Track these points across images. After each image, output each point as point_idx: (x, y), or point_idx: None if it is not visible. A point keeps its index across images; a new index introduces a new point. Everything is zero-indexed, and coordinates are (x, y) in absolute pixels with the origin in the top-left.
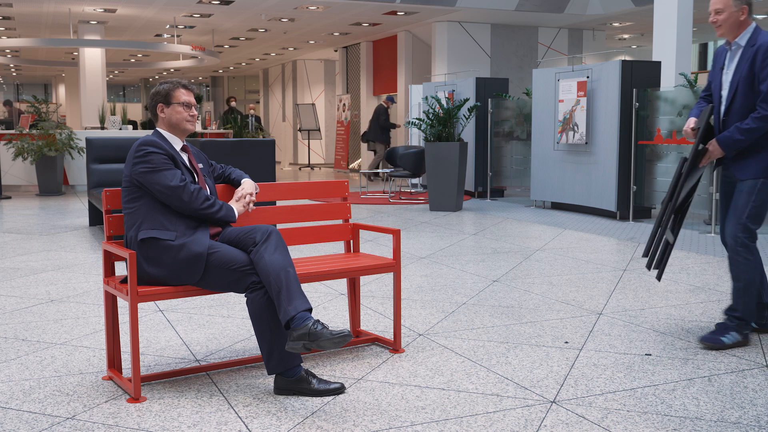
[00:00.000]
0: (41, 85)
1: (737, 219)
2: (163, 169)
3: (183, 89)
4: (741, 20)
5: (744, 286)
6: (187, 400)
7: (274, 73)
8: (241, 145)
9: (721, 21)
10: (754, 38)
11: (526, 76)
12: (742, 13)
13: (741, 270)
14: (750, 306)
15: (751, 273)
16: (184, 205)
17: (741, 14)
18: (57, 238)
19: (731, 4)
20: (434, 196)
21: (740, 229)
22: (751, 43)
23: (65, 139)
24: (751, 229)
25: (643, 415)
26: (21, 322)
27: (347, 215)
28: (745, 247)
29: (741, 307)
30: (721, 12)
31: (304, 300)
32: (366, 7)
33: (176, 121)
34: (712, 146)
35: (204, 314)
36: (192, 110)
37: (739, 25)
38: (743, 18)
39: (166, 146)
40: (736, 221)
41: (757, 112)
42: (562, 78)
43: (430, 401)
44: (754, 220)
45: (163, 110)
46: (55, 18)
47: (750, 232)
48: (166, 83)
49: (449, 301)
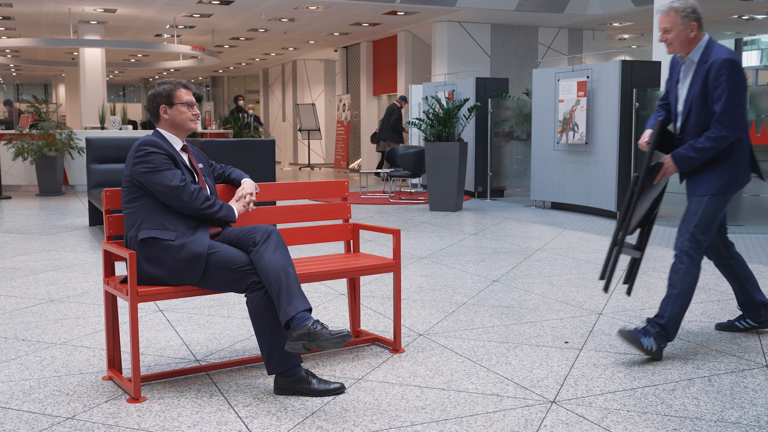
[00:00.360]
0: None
1: (686, 228)
2: (164, 169)
3: (183, 89)
4: (691, 37)
5: (677, 294)
6: (187, 400)
7: (274, 73)
8: (241, 145)
9: (670, 39)
10: (707, 54)
11: (526, 76)
12: (691, 30)
13: (679, 278)
14: (677, 317)
15: (688, 284)
16: (184, 205)
17: (690, 31)
18: (57, 238)
19: (678, 22)
20: (434, 196)
21: (687, 238)
22: (704, 60)
23: (65, 139)
24: (699, 240)
25: (643, 415)
26: (21, 322)
27: (347, 215)
28: (690, 258)
29: (668, 314)
30: (669, 31)
31: (304, 300)
32: (366, 7)
33: (180, 121)
34: (667, 162)
35: (204, 314)
36: (195, 109)
37: (689, 41)
38: (693, 35)
39: (166, 146)
40: (685, 230)
41: (711, 131)
42: (562, 78)
43: (430, 401)
44: (701, 231)
45: (166, 111)
46: (55, 18)
47: (697, 243)
48: (164, 84)
49: (449, 301)
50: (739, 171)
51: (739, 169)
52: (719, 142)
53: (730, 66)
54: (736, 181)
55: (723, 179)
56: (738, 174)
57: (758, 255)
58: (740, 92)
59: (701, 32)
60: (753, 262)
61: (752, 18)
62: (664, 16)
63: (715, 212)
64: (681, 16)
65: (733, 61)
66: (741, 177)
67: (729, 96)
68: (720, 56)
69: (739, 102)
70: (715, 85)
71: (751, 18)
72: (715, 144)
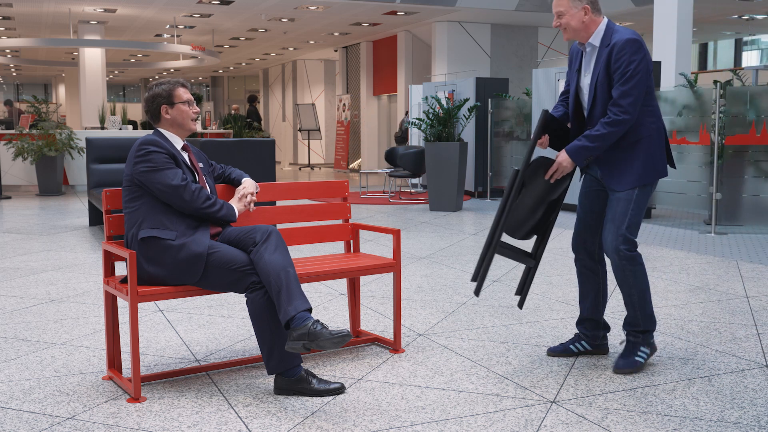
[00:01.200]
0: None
1: (616, 230)
2: (165, 168)
3: (182, 87)
4: (585, 20)
5: (638, 298)
6: (187, 400)
7: (274, 73)
8: (241, 145)
9: (564, 24)
10: (608, 37)
11: (526, 76)
12: (585, 13)
13: (630, 283)
14: (648, 312)
15: (640, 282)
16: (186, 204)
17: (584, 14)
18: (57, 238)
19: (570, 5)
20: (434, 196)
21: (621, 241)
22: (606, 43)
23: (65, 139)
24: (631, 240)
25: (643, 415)
26: (21, 322)
27: (347, 215)
28: (630, 260)
29: (641, 319)
30: (563, 15)
31: (304, 300)
32: (366, 7)
33: (182, 120)
34: (561, 157)
35: (204, 314)
36: (195, 107)
37: (585, 26)
38: (587, 18)
39: (167, 145)
40: (616, 232)
41: (607, 116)
42: (562, 78)
43: (430, 401)
44: (632, 231)
45: (167, 111)
46: (55, 18)
47: (630, 243)
48: (162, 84)
49: (449, 301)
50: (657, 158)
51: (656, 156)
52: (616, 127)
53: (631, 46)
54: (657, 169)
55: (644, 168)
56: (656, 161)
57: (758, 255)
58: (642, 74)
59: (598, 15)
60: (753, 262)
61: (752, 18)
62: (556, 0)
63: (643, 206)
64: (572, 2)
65: (634, 40)
66: (661, 164)
67: (629, 77)
68: (622, 37)
69: (640, 84)
70: (616, 67)
71: (751, 18)
72: (612, 129)
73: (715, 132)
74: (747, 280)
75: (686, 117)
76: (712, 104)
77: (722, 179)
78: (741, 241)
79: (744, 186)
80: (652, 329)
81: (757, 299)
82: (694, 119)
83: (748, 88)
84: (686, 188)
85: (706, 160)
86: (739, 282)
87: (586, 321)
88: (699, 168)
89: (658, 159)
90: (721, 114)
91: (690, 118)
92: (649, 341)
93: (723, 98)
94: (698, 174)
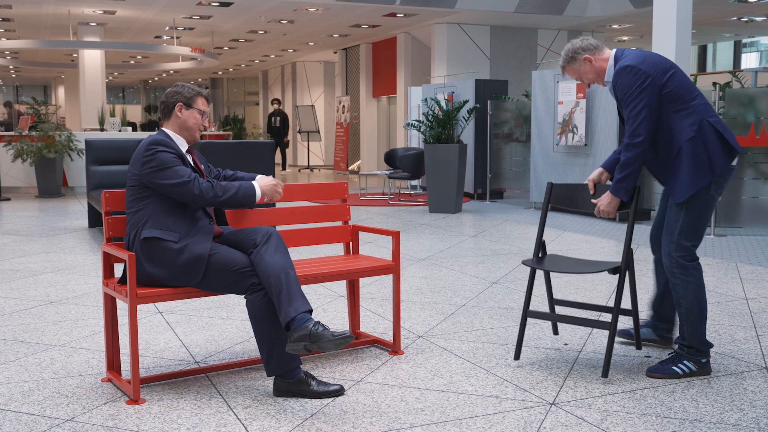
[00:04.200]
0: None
1: (669, 237)
2: (173, 165)
3: (204, 99)
4: (596, 68)
5: (686, 312)
6: (187, 402)
7: (274, 75)
8: (241, 147)
9: (586, 82)
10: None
11: (526, 78)
12: (591, 62)
13: (680, 294)
14: (698, 331)
15: (691, 295)
16: (197, 198)
17: (591, 64)
18: (56, 240)
19: (576, 69)
20: (434, 197)
21: (674, 248)
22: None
23: (64, 140)
24: (686, 247)
25: (643, 417)
26: (20, 323)
27: (347, 217)
28: (682, 268)
29: (687, 333)
30: (581, 78)
31: (305, 301)
32: (365, 8)
33: (191, 126)
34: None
35: (203, 316)
36: (206, 120)
37: (598, 72)
38: (596, 65)
39: (174, 145)
40: (669, 239)
41: (623, 143)
42: (562, 80)
43: (429, 403)
44: (688, 236)
45: (181, 110)
46: (54, 20)
47: (685, 250)
48: (187, 87)
49: (449, 303)
50: (708, 157)
51: (707, 155)
52: (632, 150)
53: (621, 74)
54: (711, 167)
55: (693, 174)
56: (709, 160)
57: (757, 257)
58: (637, 95)
59: (602, 53)
60: (752, 264)
61: (751, 20)
62: (567, 74)
63: (699, 213)
64: (575, 65)
65: (623, 67)
66: (717, 160)
67: (627, 103)
68: (618, 68)
69: (641, 104)
70: (617, 98)
71: (750, 20)
72: (629, 153)
73: None
74: (746, 282)
75: None
76: (712, 106)
77: None
78: (740, 243)
79: (743, 188)
80: (699, 348)
81: (757, 301)
82: None
83: (748, 90)
84: None
85: None
86: (738, 284)
87: (652, 310)
88: None
89: (712, 157)
90: (721, 116)
91: None
92: (699, 358)
93: (722, 100)
94: None
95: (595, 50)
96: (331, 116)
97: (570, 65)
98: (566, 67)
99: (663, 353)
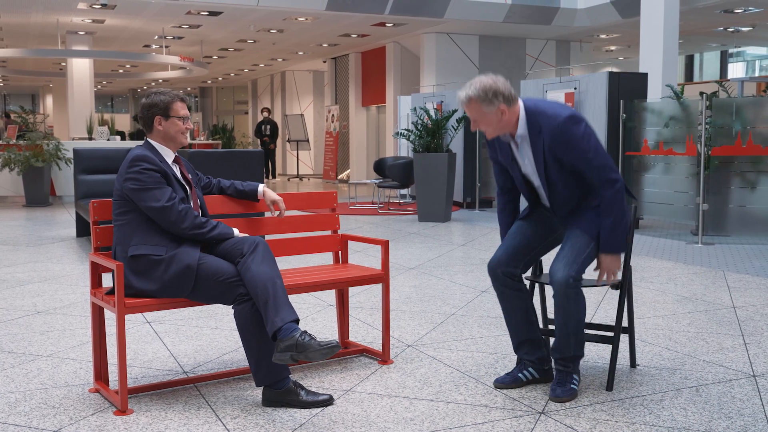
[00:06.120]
0: (28, 95)
1: (574, 259)
2: (153, 187)
3: (180, 102)
4: (505, 120)
5: (576, 325)
6: (175, 412)
7: (263, 84)
8: (229, 156)
9: (483, 128)
10: (534, 122)
11: (514, 87)
12: (503, 113)
13: (571, 312)
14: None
15: (581, 312)
16: (172, 226)
17: (501, 115)
18: (44, 250)
19: (484, 110)
20: (423, 206)
21: (575, 271)
22: (536, 129)
23: (52, 149)
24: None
25: (632, 425)
26: (7, 334)
27: (336, 226)
28: (576, 290)
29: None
30: (478, 121)
31: (291, 311)
32: (355, 18)
33: (174, 134)
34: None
35: (192, 326)
36: (188, 123)
37: (507, 122)
38: (506, 116)
39: (158, 161)
40: (573, 261)
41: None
42: (550, 89)
43: (419, 412)
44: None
45: (161, 123)
46: (43, 28)
47: (580, 276)
48: (161, 95)
49: (438, 312)
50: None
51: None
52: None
53: (569, 124)
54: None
55: None
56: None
57: (745, 265)
58: (591, 137)
59: (514, 105)
60: (740, 272)
61: (737, 30)
62: (467, 107)
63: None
64: (485, 105)
65: (568, 117)
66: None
67: (589, 150)
68: (555, 119)
69: (597, 145)
70: (569, 148)
71: (736, 30)
72: (610, 192)
73: (701, 143)
74: (734, 290)
75: (673, 128)
76: (699, 116)
77: (709, 190)
78: (728, 252)
79: (730, 196)
80: (581, 355)
81: (744, 309)
82: (680, 130)
83: (734, 99)
84: (673, 199)
85: (692, 171)
86: (726, 292)
87: (524, 342)
88: (686, 179)
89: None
90: (708, 125)
91: (677, 129)
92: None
93: (709, 110)
94: (685, 185)
95: (510, 102)
96: (320, 125)
97: (480, 104)
98: (473, 103)
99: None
